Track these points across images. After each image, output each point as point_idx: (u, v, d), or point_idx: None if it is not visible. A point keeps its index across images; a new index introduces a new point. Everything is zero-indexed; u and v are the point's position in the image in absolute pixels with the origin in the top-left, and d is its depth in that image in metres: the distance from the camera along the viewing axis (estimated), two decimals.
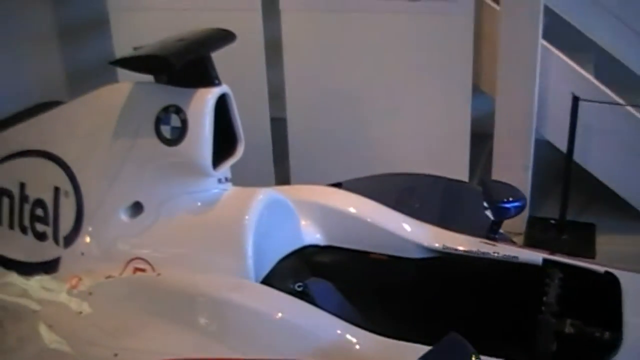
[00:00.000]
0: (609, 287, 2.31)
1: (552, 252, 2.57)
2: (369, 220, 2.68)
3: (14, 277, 2.89)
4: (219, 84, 2.40)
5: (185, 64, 2.31)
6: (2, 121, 4.51)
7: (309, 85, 4.93)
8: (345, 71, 4.81)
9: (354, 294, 2.50)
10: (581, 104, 4.51)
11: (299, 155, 5.03)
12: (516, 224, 4.36)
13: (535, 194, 4.94)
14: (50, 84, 6.14)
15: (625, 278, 2.33)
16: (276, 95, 5.12)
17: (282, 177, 5.03)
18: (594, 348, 2.13)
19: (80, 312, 2.50)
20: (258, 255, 2.35)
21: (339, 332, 2.10)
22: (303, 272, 2.58)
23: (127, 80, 2.55)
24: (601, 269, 2.42)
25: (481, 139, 4.98)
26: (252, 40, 4.71)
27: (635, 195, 4.95)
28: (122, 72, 5.25)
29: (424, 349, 1.86)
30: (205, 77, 2.39)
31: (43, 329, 2.57)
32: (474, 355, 1.79)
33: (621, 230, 4.84)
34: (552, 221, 4.82)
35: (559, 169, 4.82)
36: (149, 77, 2.52)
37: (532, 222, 4.83)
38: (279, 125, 5.19)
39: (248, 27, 4.64)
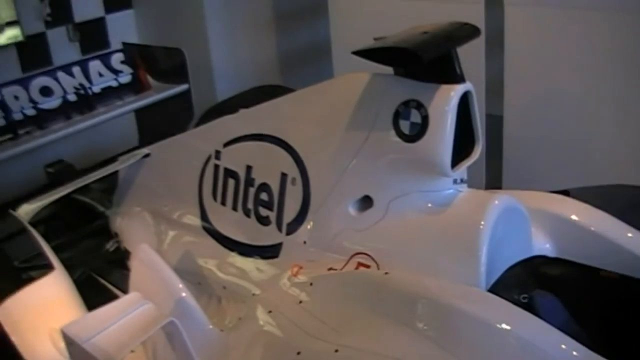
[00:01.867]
0: None
1: None
2: (602, 234, 2.50)
3: (235, 258, 2.94)
4: (464, 80, 2.30)
5: (432, 58, 2.23)
6: (223, 102, 4.67)
7: (530, 83, 4.72)
8: (569, 71, 4.57)
9: (579, 312, 2.33)
10: None
11: (513, 155, 4.84)
12: None
13: None
14: (264, 69, 6.30)
15: None
16: (494, 91, 4.96)
17: (493, 176, 4.88)
18: None
19: (300, 302, 2.48)
20: (488, 263, 2.24)
21: (575, 354, 1.95)
22: (529, 283, 2.44)
23: (366, 71, 2.50)
24: None
25: None
26: None
27: None
28: (337, 59, 5.34)
29: None
30: (450, 73, 2.29)
31: (261, 313, 2.59)
32: None
33: None
34: None
35: None
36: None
37: None
38: (494, 122, 5.03)
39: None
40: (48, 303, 2.78)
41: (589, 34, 4.43)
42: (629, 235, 2.50)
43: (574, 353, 1.95)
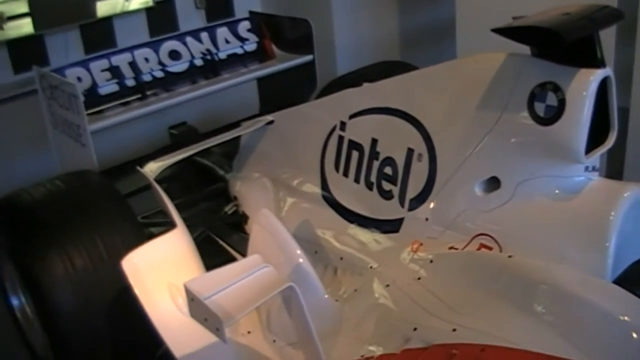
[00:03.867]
0: None
1: None
2: None
3: (354, 230, 2.96)
4: (604, 65, 2.23)
5: (574, 40, 2.17)
6: (346, 75, 4.67)
7: None
8: None
9: None
10: None
11: (637, 149, 4.69)
12: None
13: None
14: (385, 46, 6.28)
15: None
16: (622, 82, 4.80)
17: (614, 170, 4.73)
18: None
19: (419, 278, 2.48)
20: (615, 255, 2.18)
21: None
22: None
23: (502, 51, 2.46)
24: None
25: None
26: None
27: None
28: (461, 38, 5.26)
29: None
30: (590, 56, 2.23)
31: (378, 286, 2.60)
32: None
33: None
34: None
35: None
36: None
37: None
38: (619, 114, 4.86)
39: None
40: (170, 259, 2.85)
41: None
42: None
43: None
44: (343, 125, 3.10)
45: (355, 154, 3.01)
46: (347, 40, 6.11)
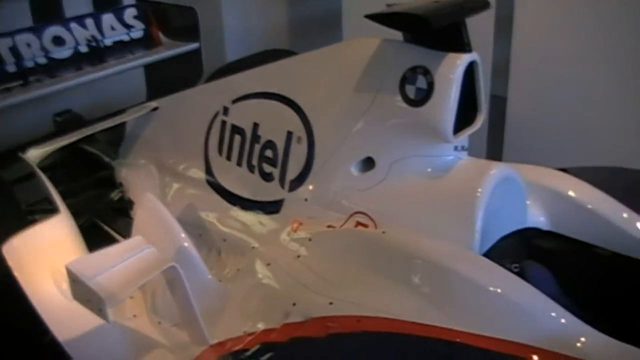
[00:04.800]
0: None
1: None
2: (596, 211, 2.56)
3: (237, 212, 3.01)
4: (470, 50, 2.36)
5: (442, 26, 2.29)
6: (232, 63, 4.71)
7: (536, 65, 4.76)
8: (577, 54, 4.61)
9: (569, 286, 2.40)
10: None
11: (515, 135, 4.90)
12: None
13: None
14: (274, 34, 6.34)
15: None
16: (500, 72, 5.01)
17: (494, 157, 4.93)
18: None
19: (299, 256, 2.56)
20: (483, 229, 2.31)
21: (563, 321, 2.02)
22: (522, 253, 2.51)
23: (376, 37, 2.56)
24: None
25: None
26: (482, 14, 4.60)
27: None
28: (346, 27, 5.38)
29: None
30: (458, 42, 2.36)
31: (260, 266, 2.66)
32: None
33: None
34: None
35: None
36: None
37: None
38: (498, 103, 5.08)
39: None
40: (52, 244, 2.85)
41: (600, 16, 4.47)
42: (624, 215, 2.56)
43: (562, 321, 2.03)
44: (226, 110, 3.15)
45: (237, 138, 3.06)
46: (236, 29, 6.15)
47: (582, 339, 1.96)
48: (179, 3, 5.03)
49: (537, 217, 2.62)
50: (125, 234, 3.44)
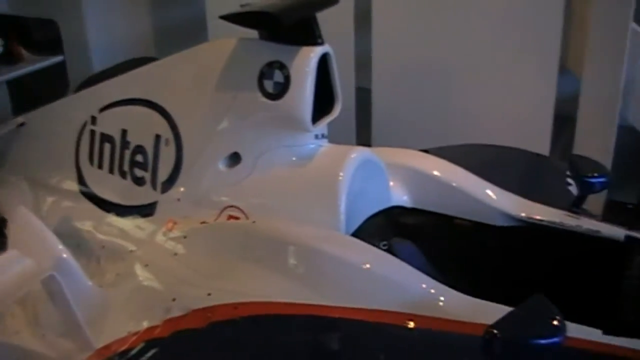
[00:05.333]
0: None
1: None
2: (455, 185, 2.75)
3: (113, 219, 3.05)
4: (322, 43, 2.49)
5: (292, 22, 2.41)
6: (99, 73, 4.70)
7: (396, 56, 4.97)
8: (433, 43, 4.84)
9: (436, 256, 2.56)
10: None
11: (382, 125, 5.09)
12: (594, 206, 4.37)
13: (615, 177, 4.90)
14: (140, 43, 6.33)
15: None
16: (363, 65, 5.19)
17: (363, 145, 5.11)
18: None
19: (175, 254, 2.63)
20: (349, 211, 2.44)
21: (424, 286, 2.18)
22: (388, 231, 2.66)
23: (232, 37, 2.65)
24: None
25: (565, 122, 4.97)
26: (342, 8, 4.76)
27: None
28: (212, 32, 5.45)
29: (507, 309, 1.93)
30: (310, 36, 2.48)
31: (139, 268, 2.71)
32: (558, 317, 1.85)
33: None
34: (630, 205, 4.80)
35: None
36: (246, 35, 2.63)
37: (610, 205, 4.81)
38: (363, 95, 5.26)
39: None
40: None
41: (452, 9, 4.71)
42: (480, 186, 2.76)
43: (425, 286, 2.19)
44: (94, 119, 3.18)
45: (107, 146, 3.10)
46: (101, 39, 6.09)
47: (442, 300, 2.12)
48: (40, 16, 4.97)
49: (400, 196, 2.78)
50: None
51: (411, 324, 2.09)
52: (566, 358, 1.97)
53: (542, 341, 1.81)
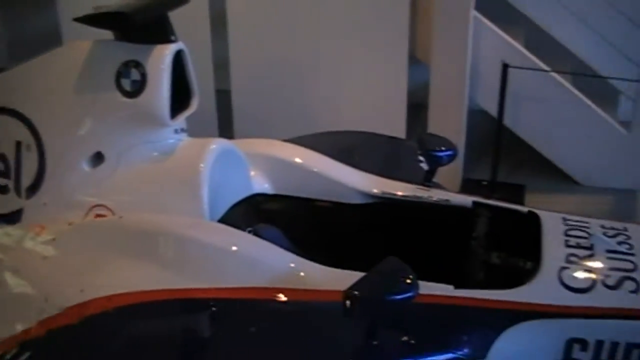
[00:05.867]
0: (532, 224, 2.57)
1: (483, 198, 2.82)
2: (313, 169, 2.89)
3: None
4: (176, 40, 2.57)
5: (145, 21, 2.49)
6: None
7: (254, 56, 5.11)
8: (288, 42, 5.01)
9: (300, 237, 2.69)
10: (511, 71, 4.78)
11: (243, 125, 5.21)
12: (451, 185, 4.62)
13: (469, 157, 5.23)
14: None
15: (545, 216, 2.60)
16: (221, 67, 5.30)
17: None
18: (517, 275, 2.38)
19: (45, 257, 2.65)
20: (212, 201, 2.54)
21: (287, 261, 2.33)
22: (253, 218, 2.77)
23: (87, 39, 2.70)
24: (525, 209, 2.68)
25: (419, 109, 5.23)
26: (196, 11, 4.86)
27: (562, 157, 5.27)
28: (67, 36, 5.40)
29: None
30: (163, 34, 2.56)
31: (8, 275, 2.71)
32: (411, 276, 2.02)
33: (549, 190, 5.17)
34: (484, 182, 5.09)
35: (492, 135, 5.09)
36: (101, 37, 2.68)
37: (466, 183, 5.10)
38: (224, 97, 5.37)
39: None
40: None
41: (303, 6, 4.89)
42: (337, 168, 2.91)
43: (295, 265, 2.34)
44: None
45: None
46: None
47: (302, 273, 2.26)
48: None
49: (262, 184, 2.90)
50: None
51: (280, 297, 2.22)
52: (422, 312, 2.16)
53: (398, 297, 1.97)
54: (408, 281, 2.00)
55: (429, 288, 2.18)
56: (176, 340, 2.26)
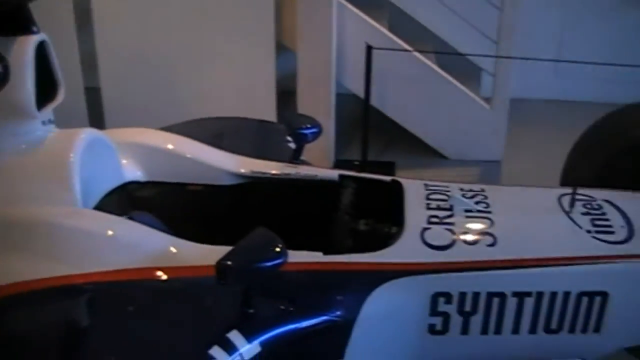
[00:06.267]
0: (395, 191, 2.71)
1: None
2: (184, 154, 2.94)
3: None
4: (38, 31, 2.57)
5: (3, 13, 2.48)
6: None
7: (121, 52, 5.11)
8: (154, 34, 5.04)
9: (174, 221, 2.74)
10: (376, 53, 4.96)
11: (115, 121, 5.19)
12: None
13: (341, 139, 5.39)
14: None
15: (407, 183, 2.75)
16: (89, 65, 5.27)
17: None
18: (384, 240, 2.51)
19: None
20: (84, 190, 2.56)
21: (162, 241, 2.40)
22: (127, 206, 2.80)
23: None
24: (388, 178, 2.82)
25: (290, 96, 5.35)
26: (60, 5, 4.83)
27: (429, 133, 5.51)
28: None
29: None
30: (24, 25, 2.55)
31: None
32: (279, 244, 2.12)
33: (419, 166, 5.40)
34: (356, 162, 5.26)
35: (362, 116, 5.27)
36: None
37: (338, 164, 5.25)
38: (94, 95, 5.33)
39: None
40: None
41: None
42: (208, 152, 2.98)
43: (171, 245, 2.41)
44: None
45: None
46: None
47: (177, 251, 2.34)
48: None
49: (134, 172, 2.93)
50: None
51: (157, 275, 2.28)
52: (295, 279, 2.28)
53: (267, 264, 2.07)
54: (277, 249, 2.09)
55: (299, 256, 2.28)
56: (56, 327, 2.27)
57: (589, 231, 2.53)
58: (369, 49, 4.90)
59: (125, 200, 2.85)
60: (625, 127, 3.47)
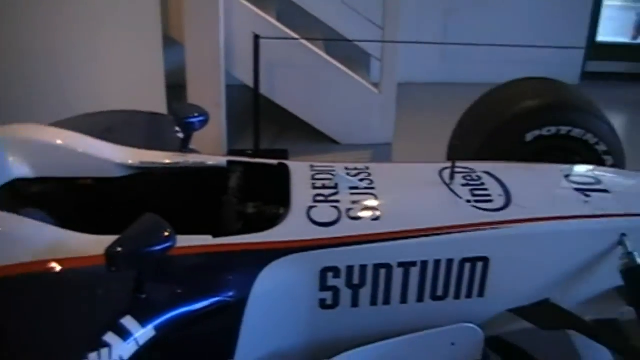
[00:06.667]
0: (282, 174, 2.79)
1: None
2: (72, 149, 2.92)
3: None
4: None
5: None
6: None
7: (6, 49, 5.00)
8: (40, 30, 4.95)
9: (65, 216, 2.74)
10: (264, 43, 5.02)
11: (3, 120, 5.08)
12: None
13: (233, 130, 5.43)
14: None
15: (293, 165, 2.83)
16: None
17: None
18: (272, 221, 2.58)
19: None
20: None
21: (51, 234, 2.40)
22: (16, 204, 2.77)
23: None
24: (275, 162, 2.90)
25: (181, 90, 5.34)
26: None
27: (321, 120, 5.62)
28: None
29: None
30: None
31: None
32: (167, 229, 2.16)
33: (311, 152, 5.49)
34: (249, 151, 5.31)
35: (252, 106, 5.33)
36: None
37: (231, 154, 5.26)
38: None
39: None
40: None
41: None
42: (97, 146, 2.97)
43: (48, 233, 2.42)
44: None
45: None
46: None
47: (67, 243, 2.36)
48: None
49: (22, 169, 2.90)
50: None
51: (47, 268, 2.28)
52: (185, 262, 2.33)
53: (156, 248, 2.10)
54: (165, 233, 2.13)
55: (188, 240, 2.33)
56: None
57: (468, 201, 2.67)
58: (257, 38, 4.96)
59: (13, 197, 2.82)
60: (502, 104, 3.67)
